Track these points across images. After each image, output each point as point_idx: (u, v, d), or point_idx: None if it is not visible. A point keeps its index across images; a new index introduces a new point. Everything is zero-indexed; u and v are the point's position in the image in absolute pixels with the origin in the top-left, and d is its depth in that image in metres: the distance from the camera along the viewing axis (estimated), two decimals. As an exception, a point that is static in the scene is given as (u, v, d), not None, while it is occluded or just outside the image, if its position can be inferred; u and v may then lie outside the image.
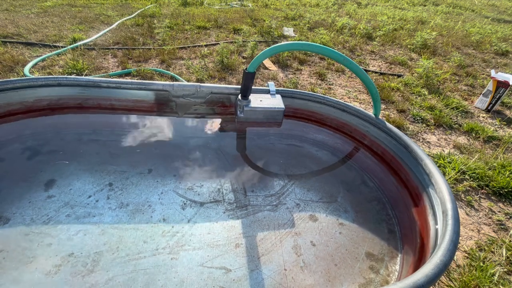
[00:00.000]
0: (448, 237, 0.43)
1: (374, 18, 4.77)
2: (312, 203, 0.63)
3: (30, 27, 2.89)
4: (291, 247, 0.53)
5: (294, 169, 0.71)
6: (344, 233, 0.57)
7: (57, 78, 0.78)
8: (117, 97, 0.80)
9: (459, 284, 0.93)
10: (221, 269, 0.49)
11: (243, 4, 5.14)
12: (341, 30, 3.81)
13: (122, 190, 0.63)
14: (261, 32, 3.44)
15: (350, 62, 0.62)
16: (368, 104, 2.08)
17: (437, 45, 3.53)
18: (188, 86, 0.80)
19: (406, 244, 0.56)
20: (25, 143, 0.73)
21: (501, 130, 1.95)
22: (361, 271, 0.51)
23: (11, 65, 2.04)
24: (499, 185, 1.36)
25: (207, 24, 3.51)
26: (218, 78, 2.20)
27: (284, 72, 2.49)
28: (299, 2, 5.80)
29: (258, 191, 0.64)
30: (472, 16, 6.00)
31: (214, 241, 0.53)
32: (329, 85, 2.34)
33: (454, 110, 2.10)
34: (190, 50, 2.73)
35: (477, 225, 1.19)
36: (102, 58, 2.39)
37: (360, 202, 0.65)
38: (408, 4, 6.67)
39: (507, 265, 1.02)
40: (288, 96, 0.81)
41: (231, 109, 0.81)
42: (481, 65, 3.11)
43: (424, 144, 1.72)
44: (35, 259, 0.49)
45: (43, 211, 0.58)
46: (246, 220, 0.58)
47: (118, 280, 0.45)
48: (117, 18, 3.46)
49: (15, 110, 0.77)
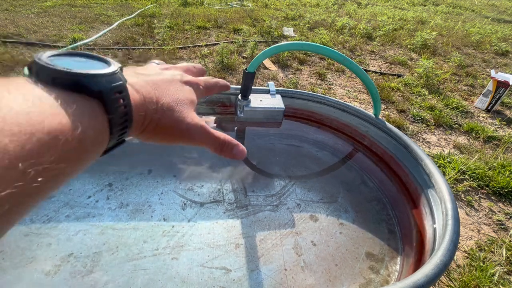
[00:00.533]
0: (448, 237, 0.43)
1: (374, 18, 4.77)
2: (313, 203, 0.63)
3: (30, 27, 2.89)
4: (291, 247, 0.53)
5: (294, 169, 0.71)
6: (344, 233, 0.57)
7: (57, 78, 0.78)
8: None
9: (459, 284, 0.93)
10: (222, 269, 0.49)
11: (243, 4, 5.14)
12: (341, 30, 3.81)
13: (122, 190, 0.63)
14: (261, 32, 3.44)
15: (350, 62, 0.62)
16: (368, 104, 2.08)
17: (437, 45, 3.53)
18: (188, 86, 0.80)
19: (406, 244, 0.56)
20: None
21: (501, 130, 1.95)
22: (361, 271, 0.51)
23: (11, 65, 2.04)
24: (499, 185, 1.36)
25: (207, 24, 3.51)
26: (218, 78, 2.20)
27: (284, 72, 2.49)
28: (299, 2, 5.80)
29: (258, 191, 0.64)
30: (472, 16, 6.01)
31: (214, 241, 0.53)
32: (329, 85, 2.34)
33: (454, 110, 2.10)
34: (190, 50, 2.73)
35: (477, 225, 1.19)
36: (102, 58, 2.39)
37: (360, 202, 0.65)
38: (408, 4, 6.68)
39: (507, 265, 1.02)
40: (288, 96, 0.81)
41: (231, 109, 0.81)
42: (481, 65, 3.11)
43: (424, 144, 1.72)
44: (34, 259, 0.49)
45: (43, 212, 0.58)
46: (246, 220, 0.58)
47: (118, 280, 0.45)
48: (117, 18, 3.46)
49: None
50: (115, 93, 0.18)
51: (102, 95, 0.17)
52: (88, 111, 0.17)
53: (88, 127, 0.16)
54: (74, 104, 0.16)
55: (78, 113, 0.16)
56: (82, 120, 0.16)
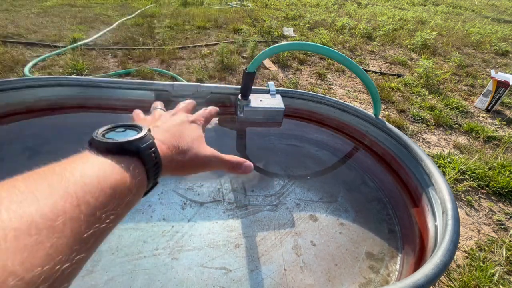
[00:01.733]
0: (448, 237, 0.43)
1: (374, 18, 4.77)
2: (312, 203, 0.63)
3: (30, 27, 2.89)
4: (291, 247, 0.53)
5: (294, 169, 0.71)
6: (344, 233, 0.57)
7: (57, 78, 0.78)
8: (117, 97, 0.80)
9: (459, 284, 0.92)
10: (221, 269, 0.49)
11: (243, 4, 5.14)
12: (341, 30, 3.81)
13: (122, 190, 0.63)
14: (261, 32, 3.44)
15: (350, 62, 0.62)
16: (368, 104, 2.08)
17: (437, 45, 3.53)
18: (188, 86, 0.80)
19: (406, 244, 0.56)
20: (24, 143, 0.73)
21: (501, 130, 1.95)
22: (361, 270, 0.51)
23: (11, 65, 2.04)
24: (499, 185, 1.36)
25: (207, 24, 3.51)
26: (218, 78, 2.20)
27: (284, 72, 2.49)
28: (299, 2, 5.80)
29: (258, 191, 0.64)
30: (472, 16, 6.01)
31: (214, 241, 0.53)
32: (329, 85, 2.34)
33: (454, 110, 2.10)
34: (190, 50, 2.73)
35: (477, 225, 1.19)
36: (102, 58, 2.39)
37: (361, 202, 0.65)
38: (408, 4, 6.68)
39: (507, 265, 1.02)
40: (288, 96, 0.81)
41: (231, 109, 0.81)
42: (481, 65, 3.11)
43: (424, 144, 1.72)
44: (35, 259, 0.49)
45: (43, 211, 0.58)
46: (246, 220, 0.58)
47: (118, 280, 0.45)
48: (117, 18, 3.46)
49: (15, 110, 0.76)
50: (148, 149, 0.25)
51: (139, 153, 0.24)
52: (132, 166, 0.23)
53: (133, 178, 0.22)
54: (123, 163, 0.22)
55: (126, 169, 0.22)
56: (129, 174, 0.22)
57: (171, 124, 0.32)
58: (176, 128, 0.32)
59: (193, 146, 0.31)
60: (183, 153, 0.30)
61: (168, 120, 0.34)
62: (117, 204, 0.20)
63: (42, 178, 0.18)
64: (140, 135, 0.25)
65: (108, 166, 0.21)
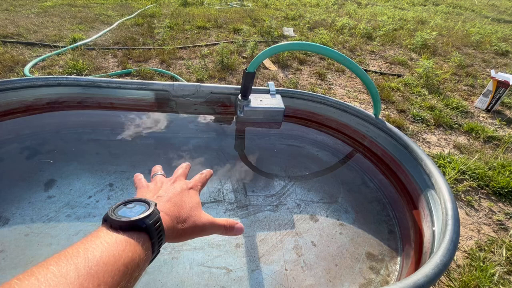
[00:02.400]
0: (448, 237, 0.43)
1: (374, 18, 4.77)
2: (313, 203, 0.63)
3: (30, 27, 2.89)
4: (292, 247, 0.53)
5: (294, 170, 0.71)
6: (344, 233, 0.57)
7: (57, 78, 0.78)
8: (117, 96, 0.80)
9: (459, 284, 0.93)
10: (222, 269, 0.49)
11: (243, 4, 5.14)
12: (341, 30, 3.81)
13: (122, 190, 0.63)
14: (261, 32, 3.44)
15: (350, 62, 0.62)
16: (368, 104, 2.08)
17: (437, 45, 3.53)
18: (188, 86, 0.80)
19: (406, 244, 0.56)
20: (24, 142, 0.73)
21: (501, 130, 1.95)
22: (361, 271, 0.51)
23: (11, 65, 2.04)
24: (499, 185, 1.36)
25: (207, 24, 3.51)
26: (218, 78, 2.20)
27: (284, 72, 2.49)
28: (299, 2, 5.80)
29: (258, 191, 0.64)
30: (472, 16, 6.01)
31: (214, 241, 0.53)
32: (329, 85, 2.34)
33: (454, 110, 2.10)
34: (190, 50, 2.73)
35: (477, 225, 1.19)
36: (102, 58, 2.39)
37: (361, 202, 0.65)
38: (408, 4, 6.68)
39: (507, 265, 1.02)
40: (288, 96, 0.81)
41: (231, 109, 0.81)
42: (481, 65, 3.11)
43: (424, 144, 1.72)
44: (35, 259, 0.49)
45: (43, 211, 0.58)
46: (246, 220, 0.58)
47: (118, 280, 0.45)
48: (117, 18, 3.46)
49: (14, 110, 0.76)
50: (154, 224, 0.28)
51: (147, 229, 0.27)
52: (140, 241, 0.26)
53: (141, 251, 0.26)
54: (133, 239, 0.26)
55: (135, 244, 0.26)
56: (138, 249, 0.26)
57: (172, 194, 0.36)
58: (177, 198, 0.35)
59: (191, 214, 0.35)
60: (183, 222, 0.33)
61: (169, 189, 0.37)
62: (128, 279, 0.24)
63: (69, 262, 0.21)
64: (149, 212, 0.28)
65: (121, 244, 0.25)
